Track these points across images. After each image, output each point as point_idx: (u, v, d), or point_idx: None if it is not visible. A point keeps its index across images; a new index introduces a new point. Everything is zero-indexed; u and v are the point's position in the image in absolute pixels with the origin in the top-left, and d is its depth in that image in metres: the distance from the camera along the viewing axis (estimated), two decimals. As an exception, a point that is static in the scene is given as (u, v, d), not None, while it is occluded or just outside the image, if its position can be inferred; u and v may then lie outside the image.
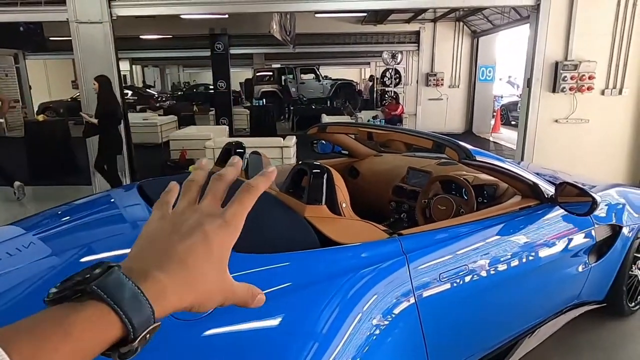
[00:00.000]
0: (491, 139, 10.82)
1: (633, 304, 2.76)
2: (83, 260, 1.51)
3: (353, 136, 3.12)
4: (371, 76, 20.04)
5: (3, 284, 1.32)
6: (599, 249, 2.38)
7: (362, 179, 3.14)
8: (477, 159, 1.90)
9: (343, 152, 3.39)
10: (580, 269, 2.21)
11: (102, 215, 1.90)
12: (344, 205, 1.70)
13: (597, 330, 2.68)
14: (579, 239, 2.18)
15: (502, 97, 12.66)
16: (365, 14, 10.75)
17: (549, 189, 2.13)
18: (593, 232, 2.25)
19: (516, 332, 2.05)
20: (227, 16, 9.13)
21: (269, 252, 1.39)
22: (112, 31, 5.29)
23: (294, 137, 6.81)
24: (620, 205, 2.48)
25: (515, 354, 2.13)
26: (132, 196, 1.94)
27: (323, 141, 3.28)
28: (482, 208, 2.12)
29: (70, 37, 5.26)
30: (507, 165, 2.02)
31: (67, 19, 5.21)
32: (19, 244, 1.55)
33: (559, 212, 2.08)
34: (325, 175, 1.67)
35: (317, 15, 10.02)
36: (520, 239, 1.91)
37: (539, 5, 5.15)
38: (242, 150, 2.31)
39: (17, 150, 7.41)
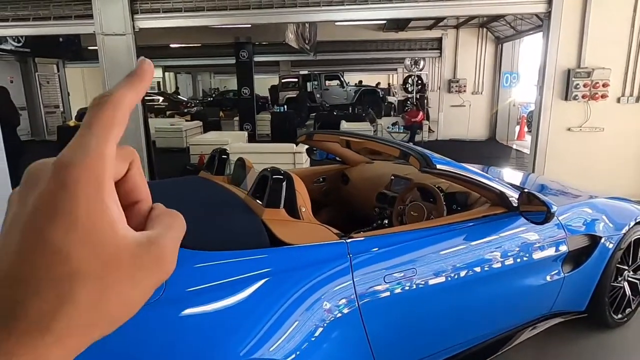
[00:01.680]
0: (514, 146, 10.59)
1: (620, 315, 2.72)
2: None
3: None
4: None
5: None
6: (576, 258, 2.38)
7: (351, 185, 3.24)
8: (439, 167, 1.97)
9: (337, 159, 3.50)
10: (549, 278, 2.23)
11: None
12: (303, 209, 1.82)
13: (581, 341, 2.66)
14: (548, 248, 2.20)
15: (528, 104, 12.40)
16: (385, 22, 10.82)
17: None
18: (566, 242, 2.26)
19: (479, 338, 2.09)
20: (250, 26, 9.42)
21: (221, 249, 1.53)
22: (135, 42, 5.65)
23: (308, 143, 6.95)
24: (596, 217, 2.46)
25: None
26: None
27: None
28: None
29: (103, 47, 5.66)
30: (471, 174, 2.07)
31: (94, 31, 5.61)
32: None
33: (526, 221, 2.11)
34: (285, 181, 1.80)
35: (337, 23, 10.18)
36: (477, 245, 1.96)
37: (550, 12, 5.10)
38: (225, 157, 2.47)
39: (51, 153, 7.95)
